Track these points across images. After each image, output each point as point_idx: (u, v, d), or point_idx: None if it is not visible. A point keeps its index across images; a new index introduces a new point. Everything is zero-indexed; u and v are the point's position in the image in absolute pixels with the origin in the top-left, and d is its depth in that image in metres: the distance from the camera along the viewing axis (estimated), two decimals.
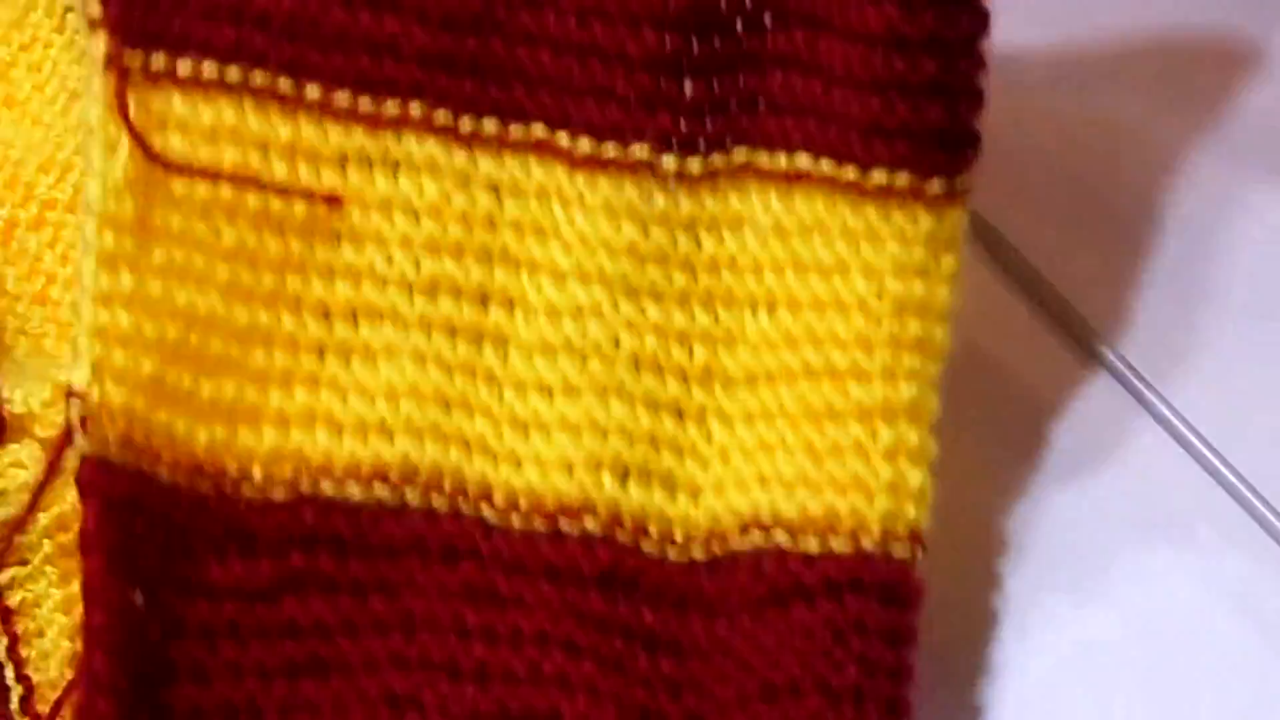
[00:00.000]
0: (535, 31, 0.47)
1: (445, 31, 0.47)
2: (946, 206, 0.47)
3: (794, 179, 0.47)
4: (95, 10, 0.46)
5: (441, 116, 0.47)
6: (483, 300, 0.48)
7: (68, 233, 0.54)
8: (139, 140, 0.46)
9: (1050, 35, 0.61)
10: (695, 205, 0.48)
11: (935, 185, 0.47)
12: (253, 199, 0.47)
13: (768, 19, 0.47)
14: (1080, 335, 0.56)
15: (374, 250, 0.48)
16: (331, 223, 0.48)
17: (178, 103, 0.47)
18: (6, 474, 0.48)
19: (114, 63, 0.46)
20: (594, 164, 0.48)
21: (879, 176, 0.47)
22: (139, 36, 0.46)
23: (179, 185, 0.46)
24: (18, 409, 0.49)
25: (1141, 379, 0.55)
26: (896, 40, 0.45)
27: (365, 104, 0.47)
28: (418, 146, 0.47)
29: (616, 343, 0.48)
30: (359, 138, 0.47)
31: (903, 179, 0.47)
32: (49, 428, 0.48)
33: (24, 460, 0.48)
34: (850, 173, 0.47)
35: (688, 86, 0.47)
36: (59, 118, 0.56)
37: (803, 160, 0.47)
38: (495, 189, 0.48)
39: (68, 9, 0.57)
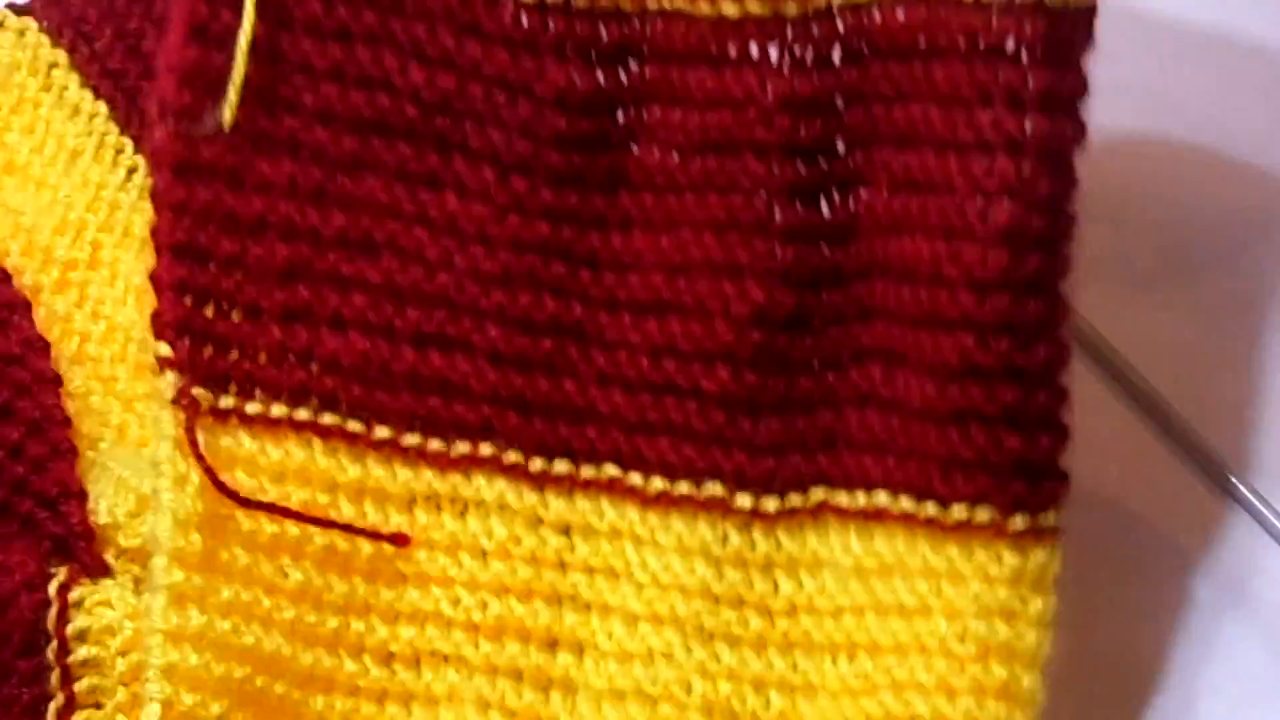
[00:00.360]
0: (609, 371, 0.47)
1: (518, 372, 0.47)
2: (1032, 544, 0.45)
3: (873, 517, 0.46)
4: (165, 350, 0.47)
5: (512, 456, 0.47)
6: (551, 644, 0.47)
7: (94, 290, 0.54)
8: (210, 475, 0.46)
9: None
10: (771, 545, 0.47)
11: (1018, 521, 0.45)
12: (319, 538, 0.46)
13: (845, 356, 0.47)
14: (1209, 467, 0.53)
15: (440, 592, 0.47)
16: (397, 564, 0.47)
17: (245, 441, 0.47)
18: (94, 612, 0.47)
19: (183, 400, 0.46)
20: (667, 502, 0.47)
21: (959, 512, 0.45)
22: (209, 378, 0.47)
23: (246, 522, 0.46)
24: (103, 519, 0.48)
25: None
26: (972, 370, 0.44)
27: (435, 444, 0.47)
28: (487, 486, 0.47)
29: (689, 688, 0.46)
30: (427, 478, 0.47)
31: (984, 514, 0.45)
32: (133, 537, 0.48)
33: (112, 601, 0.47)
34: (930, 509, 0.45)
35: (763, 424, 0.47)
36: (63, 177, 0.55)
37: (881, 497, 0.46)
38: (566, 530, 0.47)
39: (52, 65, 0.56)
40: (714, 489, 0.46)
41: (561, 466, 0.47)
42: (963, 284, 0.44)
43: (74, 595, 0.47)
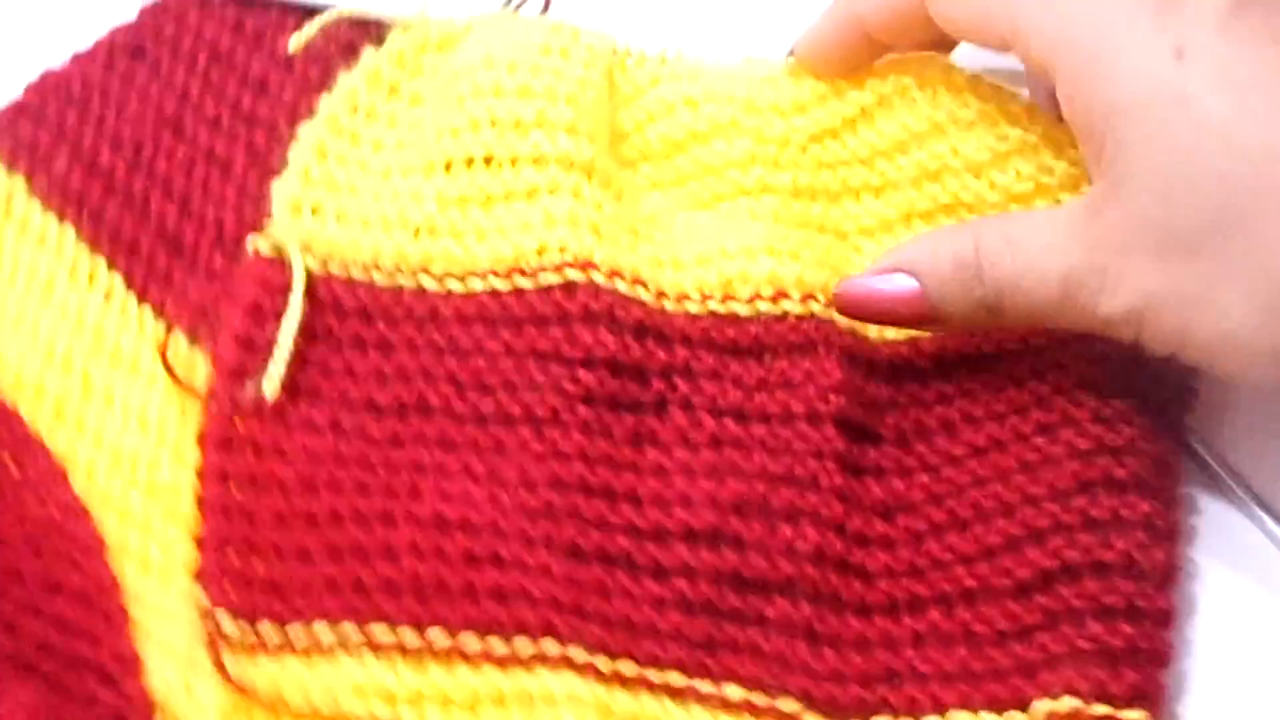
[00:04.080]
0: (664, 596, 0.46)
1: (572, 587, 0.46)
2: None
3: None
4: (205, 601, 0.46)
5: (576, 653, 0.45)
6: None
7: (92, 419, 0.50)
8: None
9: None
10: None
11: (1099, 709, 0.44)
12: None
13: (900, 604, 0.47)
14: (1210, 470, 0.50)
15: None
16: None
17: (290, 662, 0.45)
18: None
19: (209, 624, 0.46)
20: (747, 709, 0.45)
21: (1041, 708, 0.44)
22: (247, 612, 0.46)
23: None
24: (160, 692, 0.44)
25: None
26: (1062, 572, 0.45)
27: (496, 644, 0.45)
28: (555, 679, 0.44)
29: None
30: (492, 676, 0.45)
31: (1066, 705, 0.44)
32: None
33: None
34: (1014, 716, 0.44)
35: (821, 653, 0.46)
36: (41, 309, 0.51)
37: (961, 717, 0.45)
38: None
39: (10, 196, 0.53)
40: (788, 705, 0.45)
41: (627, 669, 0.45)
42: (1046, 497, 0.47)
43: None
